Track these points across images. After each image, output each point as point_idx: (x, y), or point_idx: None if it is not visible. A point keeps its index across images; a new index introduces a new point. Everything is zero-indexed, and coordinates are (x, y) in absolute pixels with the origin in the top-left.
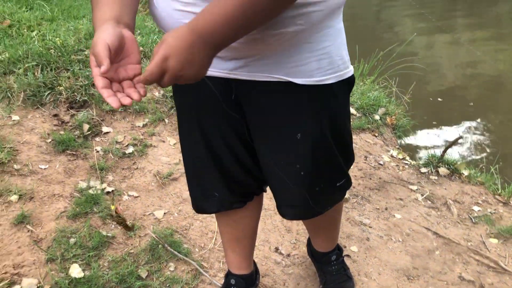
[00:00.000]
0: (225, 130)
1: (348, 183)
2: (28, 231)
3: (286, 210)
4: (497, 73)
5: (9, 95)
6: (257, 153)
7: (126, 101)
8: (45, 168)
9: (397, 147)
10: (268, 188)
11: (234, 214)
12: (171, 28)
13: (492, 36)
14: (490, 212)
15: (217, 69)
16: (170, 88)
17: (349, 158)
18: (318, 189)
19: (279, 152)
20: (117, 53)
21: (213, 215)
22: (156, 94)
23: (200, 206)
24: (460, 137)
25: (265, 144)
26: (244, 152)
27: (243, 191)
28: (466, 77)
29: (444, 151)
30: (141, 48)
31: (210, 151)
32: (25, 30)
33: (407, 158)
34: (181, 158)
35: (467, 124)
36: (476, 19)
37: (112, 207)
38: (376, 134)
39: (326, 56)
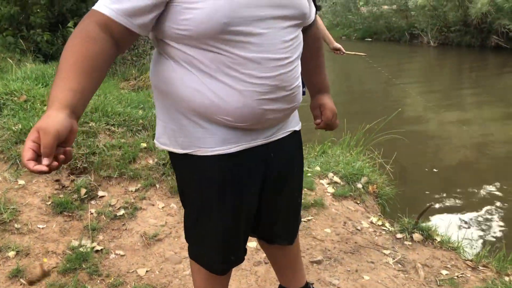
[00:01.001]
0: (254, 193)
1: None
2: (21, 284)
3: (284, 237)
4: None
5: (18, 162)
6: (271, 199)
7: (39, 168)
8: (42, 228)
9: (378, 214)
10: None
11: None
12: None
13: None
14: (457, 276)
15: (260, 139)
16: (162, 156)
17: None
18: (300, 212)
19: (291, 188)
20: (61, 141)
21: (189, 270)
22: (150, 161)
23: (220, 269)
24: (431, 205)
25: (282, 186)
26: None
27: (245, 248)
28: (464, 149)
29: (418, 218)
30: (140, 121)
31: (239, 219)
32: (38, 104)
33: (387, 224)
34: (168, 220)
35: (457, 192)
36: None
37: None
38: (358, 202)
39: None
